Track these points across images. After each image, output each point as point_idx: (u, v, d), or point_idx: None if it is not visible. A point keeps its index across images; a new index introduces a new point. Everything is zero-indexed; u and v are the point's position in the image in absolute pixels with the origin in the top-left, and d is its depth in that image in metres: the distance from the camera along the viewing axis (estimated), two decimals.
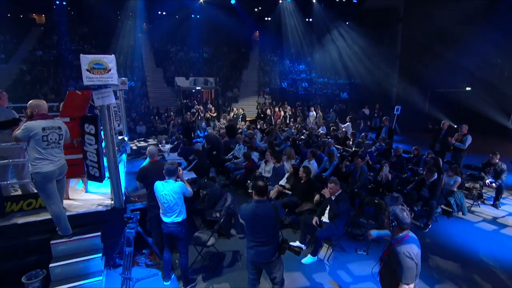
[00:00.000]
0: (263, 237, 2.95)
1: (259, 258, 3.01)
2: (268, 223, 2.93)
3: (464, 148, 7.14)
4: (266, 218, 2.91)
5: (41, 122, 3.38)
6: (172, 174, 3.62)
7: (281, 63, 23.57)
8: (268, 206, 2.94)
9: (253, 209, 2.93)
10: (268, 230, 2.96)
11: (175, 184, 3.58)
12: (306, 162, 6.57)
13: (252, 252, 3.02)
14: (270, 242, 2.97)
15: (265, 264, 3.04)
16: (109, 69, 3.74)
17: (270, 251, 2.98)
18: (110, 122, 3.97)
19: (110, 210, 4.14)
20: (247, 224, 3.01)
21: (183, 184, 3.64)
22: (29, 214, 3.95)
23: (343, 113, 19.29)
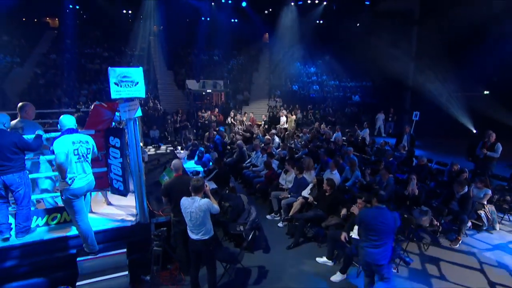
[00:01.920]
0: (377, 240, 3.33)
1: (369, 259, 3.39)
2: (385, 228, 3.32)
3: (497, 157, 6.86)
4: (384, 224, 3.31)
5: (69, 137, 3.31)
6: (198, 190, 3.49)
7: (292, 66, 23.38)
8: (388, 214, 3.40)
9: (374, 215, 3.36)
10: (383, 234, 3.33)
11: (201, 202, 3.43)
12: (328, 172, 6.41)
13: (363, 253, 3.42)
14: (383, 245, 3.34)
15: (375, 266, 3.39)
16: (137, 82, 3.65)
17: (381, 254, 3.34)
18: (137, 136, 3.87)
19: (135, 225, 4.04)
20: (365, 227, 3.43)
21: (209, 201, 3.49)
22: (55, 229, 3.88)
23: (355, 116, 19.06)
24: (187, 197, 3.54)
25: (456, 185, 5.43)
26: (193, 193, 3.49)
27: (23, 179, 3.51)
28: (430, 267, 4.57)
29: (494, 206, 5.72)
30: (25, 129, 3.89)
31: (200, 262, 3.80)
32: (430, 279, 4.28)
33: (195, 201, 3.44)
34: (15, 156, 3.44)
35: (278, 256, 4.82)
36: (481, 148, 7.19)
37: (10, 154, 3.39)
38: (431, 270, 4.49)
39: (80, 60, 18.24)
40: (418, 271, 4.46)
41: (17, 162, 3.46)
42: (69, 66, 17.58)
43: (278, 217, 6.11)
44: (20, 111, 4.00)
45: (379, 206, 3.46)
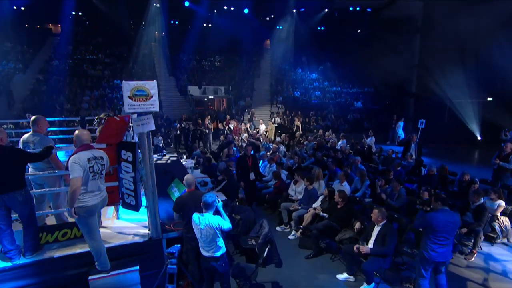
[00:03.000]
0: (446, 240, 3.59)
1: (442, 259, 3.64)
2: (454, 228, 3.64)
3: (510, 168, 6.79)
4: (453, 224, 3.61)
5: (85, 154, 3.22)
6: (209, 207, 3.40)
7: (293, 72, 23.42)
8: (454, 214, 3.74)
9: (445, 217, 3.57)
10: (451, 234, 3.63)
11: (212, 219, 3.34)
12: (337, 183, 6.32)
13: (435, 255, 3.60)
14: (450, 243, 3.66)
15: (444, 263, 3.73)
16: (151, 96, 3.58)
17: (449, 251, 3.70)
18: (150, 150, 3.79)
19: (147, 241, 3.94)
20: (434, 230, 3.56)
21: (220, 219, 3.39)
22: (65, 246, 3.77)
23: (358, 122, 19.05)
24: (198, 213, 3.46)
25: (472, 195, 5.36)
26: (204, 210, 3.41)
27: (25, 197, 3.38)
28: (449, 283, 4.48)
29: (508, 218, 5.63)
30: (37, 144, 3.80)
31: (213, 279, 3.71)
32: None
33: (206, 218, 3.36)
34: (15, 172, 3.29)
35: (292, 270, 4.72)
36: (495, 158, 7.14)
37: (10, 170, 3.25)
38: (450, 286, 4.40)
39: (82, 66, 18.22)
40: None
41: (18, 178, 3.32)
42: (71, 72, 17.57)
43: (288, 229, 6.02)
44: (32, 125, 3.91)
45: (444, 209, 3.68)
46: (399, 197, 5.57)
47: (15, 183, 3.28)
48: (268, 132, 13.09)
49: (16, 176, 3.29)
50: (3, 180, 3.20)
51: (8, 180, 3.24)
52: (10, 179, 3.25)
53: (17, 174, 3.31)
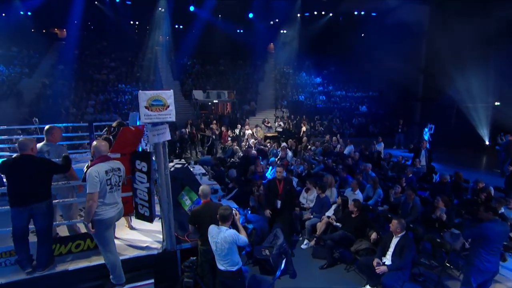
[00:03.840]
0: (498, 250, 3.61)
1: (495, 268, 3.65)
2: (504, 238, 3.80)
3: None
4: (505, 234, 3.75)
5: (103, 166, 3.17)
6: (226, 220, 3.33)
7: (297, 76, 23.39)
8: (505, 224, 3.84)
9: (499, 227, 3.59)
10: (502, 244, 3.73)
11: (227, 233, 3.26)
12: (350, 192, 6.23)
13: (490, 266, 3.57)
14: (499, 253, 3.70)
15: (495, 273, 3.75)
16: (168, 105, 3.52)
17: (499, 260, 3.72)
18: (166, 160, 3.73)
19: (162, 253, 3.86)
20: (490, 239, 3.53)
21: (236, 233, 3.30)
22: (79, 258, 3.70)
23: (363, 127, 18.93)
24: (215, 226, 3.40)
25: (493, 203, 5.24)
26: (220, 222, 3.35)
27: (49, 208, 3.36)
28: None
29: None
30: (51, 153, 3.75)
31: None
32: None
33: (221, 231, 3.29)
34: (44, 182, 3.30)
35: (308, 282, 4.62)
36: (510, 164, 7.05)
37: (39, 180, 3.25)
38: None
39: (88, 70, 18.26)
40: None
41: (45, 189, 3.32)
42: (76, 77, 17.60)
43: (300, 237, 5.92)
44: (46, 134, 3.88)
45: (496, 219, 3.68)
46: (414, 206, 5.46)
47: (43, 193, 3.29)
48: (258, 134, 12.76)
49: (44, 186, 3.30)
50: (33, 190, 3.20)
51: (38, 190, 3.24)
52: (39, 190, 3.26)
53: (45, 184, 3.32)
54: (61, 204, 3.83)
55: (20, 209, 3.17)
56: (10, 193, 3.19)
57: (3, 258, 3.50)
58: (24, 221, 3.23)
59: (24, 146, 3.23)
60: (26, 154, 3.24)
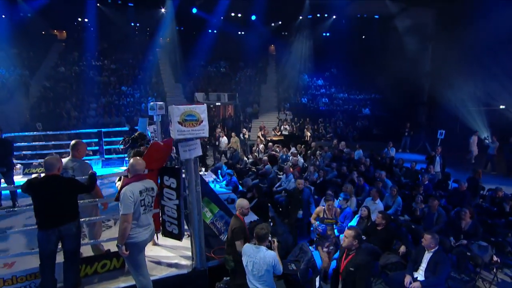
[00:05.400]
0: None
1: None
2: None
3: None
4: None
5: (137, 185, 3.01)
6: (263, 239, 3.20)
7: (300, 78, 23.30)
8: None
9: None
10: None
11: (267, 254, 3.12)
12: (370, 201, 6.12)
13: None
14: None
15: None
16: (201, 121, 3.38)
17: None
18: (197, 177, 3.58)
19: (191, 271, 3.71)
20: None
21: (276, 256, 3.17)
22: (107, 278, 3.54)
23: (366, 130, 18.91)
24: (251, 245, 3.26)
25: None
26: (257, 242, 3.21)
27: (78, 229, 3.21)
28: None
29: None
30: (76, 170, 3.59)
31: None
32: None
33: (260, 251, 3.15)
34: (71, 202, 3.15)
35: None
36: None
37: (68, 201, 3.10)
38: None
39: (89, 72, 17.97)
40: None
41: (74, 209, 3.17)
42: (77, 79, 17.32)
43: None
44: (72, 150, 3.71)
45: None
46: (439, 217, 5.37)
47: (72, 214, 3.15)
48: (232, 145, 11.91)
49: (72, 207, 3.16)
50: (62, 211, 3.06)
51: (67, 211, 3.10)
52: (68, 211, 3.11)
53: (73, 204, 3.17)
54: (86, 222, 3.66)
55: (49, 232, 3.01)
56: (38, 215, 3.03)
57: (28, 281, 3.34)
58: (53, 243, 3.07)
59: (51, 166, 3.06)
60: (53, 175, 3.08)
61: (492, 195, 6.66)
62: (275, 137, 14.76)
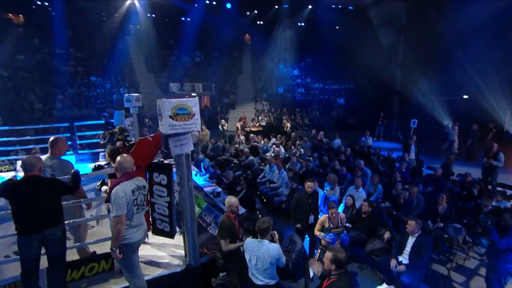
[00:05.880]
0: None
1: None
2: None
3: (501, 165, 7.22)
4: None
5: (129, 184, 2.85)
6: (265, 233, 3.19)
7: (275, 68, 23.27)
8: None
9: None
10: None
11: (271, 246, 3.14)
12: (353, 189, 6.32)
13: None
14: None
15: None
16: (193, 114, 3.24)
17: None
18: (189, 172, 3.46)
19: (185, 269, 3.63)
20: None
21: (280, 249, 3.20)
22: (96, 282, 3.38)
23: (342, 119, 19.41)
24: (253, 239, 3.26)
25: (484, 199, 5.59)
26: (259, 235, 3.20)
27: (63, 233, 2.99)
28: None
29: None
30: (56, 169, 3.32)
31: None
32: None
33: (264, 244, 3.16)
34: (55, 205, 2.92)
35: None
36: (483, 157, 7.55)
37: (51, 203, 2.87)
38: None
39: (52, 61, 16.70)
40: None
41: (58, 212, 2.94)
42: (40, 68, 16.04)
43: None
44: (51, 147, 3.41)
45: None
46: (419, 203, 5.66)
47: (56, 217, 2.92)
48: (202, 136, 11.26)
49: (55, 209, 2.92)
50: (45, 215, 2.82)
51: (50, 215, 2.87)
52: (52, 214, 2.88)
53: (57, 207, 2.94)
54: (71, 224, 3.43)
55: (31, 238, 2.77)
56: (17, 220, 2.77)
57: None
58: (36, 249, 2.84)
59: (32, 166, 2.80)
60: (33, 175, 2.82)
61: (462, 180, 7.13)
62: (254, 128, 14.70)
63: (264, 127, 14.68)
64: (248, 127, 14.85)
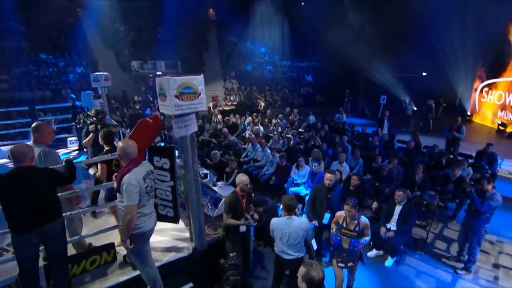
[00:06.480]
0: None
1: None
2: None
3: (462, 137, 7.95)
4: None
5: (139, 171, 2.65)
6: (292, 210, 3.33)
7: (243, 45, 22.70)
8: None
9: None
10: None
11: (302, 221, 3.35)
12: (337, 164, 6.57)
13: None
14: None
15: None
16: (199, 93, 3.05)
17: None
18: (194, 154, 3.31)
19: (192, 253, 3.56)
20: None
21: (308, 221, 3.43)
22: (100, 275, 3.18)
23: (310, 97, 19.79)
24: (279, 218, 3.41)
25: (452, 168, 6.15)
26: (286, 213, 3.34)
27: (63, 227, 2.74)
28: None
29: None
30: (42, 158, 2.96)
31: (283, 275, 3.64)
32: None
33: (294, 220, 3.30)
34: (53, 198, 2.64)
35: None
36: (449, 130, 8.25)
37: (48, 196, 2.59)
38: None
39: None
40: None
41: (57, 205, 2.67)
42: None
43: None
44: (33, 133, 3.01)
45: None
46: (398, 173, 6.07)
47: (56, 211, 2.65)
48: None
49: (54, 202, 2.65)
50: (44, 209, 2.54)
51: (49, 208, 2.59)
52: (51, 207, 2.61)
53: (55, 199, 2.66)
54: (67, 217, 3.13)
55: (29, 235, 2.50)
56: (11, 217, 2.47)
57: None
58: (35, 246, 2.58)
59: (23, 155, 2.47)
60: (25, 166, 2.50)
61: (430, 151, 7.75)
62: (226, 107, 14.43)
63: (237, 106, 14.49)
64: (221, 106, 14.55)
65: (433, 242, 5.32)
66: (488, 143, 7.34)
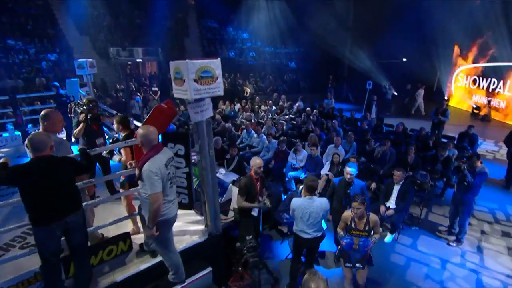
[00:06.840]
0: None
1: None
2: None
3: (447, 120, 8.37)
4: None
5: (161, 158, 2.60)
6: (314, 191, 3.45)
7: (224, 31, 22.23)
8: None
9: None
10: None
11: (322, 200, 3.49)
12: (332, 147, 6.74)
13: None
14: None
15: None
16: (217, 77, 3.00)
17: None
18: (210, 140, 3.28)
19: (208, 238, 3.58)
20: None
21: (328, 201, 3.52)
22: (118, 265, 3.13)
23: (294, 83, 19.89)
24: (301, 198, 3.51)
25: (440, 149, 6.49)
26: (308, 193, 3.46)
27: (84, 218, 2.66)
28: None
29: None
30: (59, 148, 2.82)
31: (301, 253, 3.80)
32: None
33: (315, 201, 3.43)
34: (74, 187, 2.55)
35: None
36: (435, 114, 8.64)
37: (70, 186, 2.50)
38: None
39: None
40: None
41: (78, 195, 2.58)
42: None
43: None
44: (42, 121, 2.84)
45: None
46: (391, 156, 6.33)
47: (76, 201, 2.56)
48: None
49: (75, 192, 2.55)
50: (65, 199, 2.45)
51: (70, 198, 2.50)
52: (72, 197, 2.52)
53: (75, 189, 2.56)
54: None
55: (53, 226, 2.40)
56: (34, 209, 2.36)
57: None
58: (58, 239, 2.49)
59: (42, 144, 2.35)
60: (45, 156, 2.38)
61: (417, 134, 8.10)
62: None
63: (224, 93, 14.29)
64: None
65: (426, 218, 5.66)
66: (470, 125, 7.79)
